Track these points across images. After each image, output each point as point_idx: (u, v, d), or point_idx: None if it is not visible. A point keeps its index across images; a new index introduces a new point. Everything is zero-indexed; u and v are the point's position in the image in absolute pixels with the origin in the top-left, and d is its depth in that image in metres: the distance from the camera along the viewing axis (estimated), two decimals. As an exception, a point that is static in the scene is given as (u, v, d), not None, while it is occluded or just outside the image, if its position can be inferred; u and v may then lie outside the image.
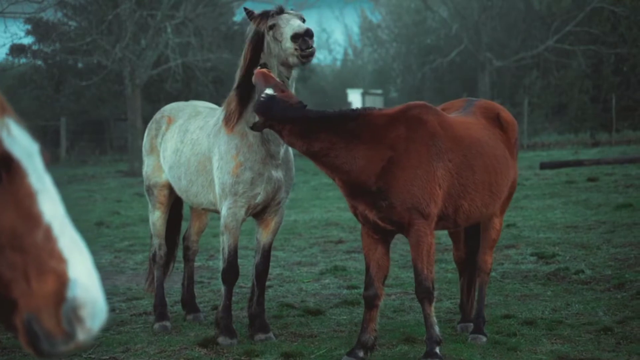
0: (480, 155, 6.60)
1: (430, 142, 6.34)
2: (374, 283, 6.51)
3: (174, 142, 7.70)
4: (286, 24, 6.72)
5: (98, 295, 2.20)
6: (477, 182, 6.55)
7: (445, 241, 12.13)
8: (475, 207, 6.60)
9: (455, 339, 7.05)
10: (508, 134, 6.99)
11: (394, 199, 6.23)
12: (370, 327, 6.54)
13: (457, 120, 6.77)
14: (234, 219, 7.08)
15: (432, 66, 46.28)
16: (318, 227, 14.19)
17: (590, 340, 6.88)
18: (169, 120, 7.93)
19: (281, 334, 7.44)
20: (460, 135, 6.55)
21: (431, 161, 6.30)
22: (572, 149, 30.42)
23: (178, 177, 7.62)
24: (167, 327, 7.75)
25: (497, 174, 6.71)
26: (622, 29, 39.67)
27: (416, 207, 6.24)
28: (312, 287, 9.48)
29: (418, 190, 6.24)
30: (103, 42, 28.81)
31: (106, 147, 38.28)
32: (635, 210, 13.89)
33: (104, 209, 18.89)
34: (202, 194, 7.40)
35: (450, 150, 6.41)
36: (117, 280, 10.29)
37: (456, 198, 6.47)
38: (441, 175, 6.33)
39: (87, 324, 2.18)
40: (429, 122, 6.43)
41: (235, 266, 7.24)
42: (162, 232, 8.14)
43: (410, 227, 6.29)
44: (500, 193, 6.78)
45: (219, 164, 7.12)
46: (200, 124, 7.57)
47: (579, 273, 9.36)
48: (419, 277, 6.38)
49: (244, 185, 6.98)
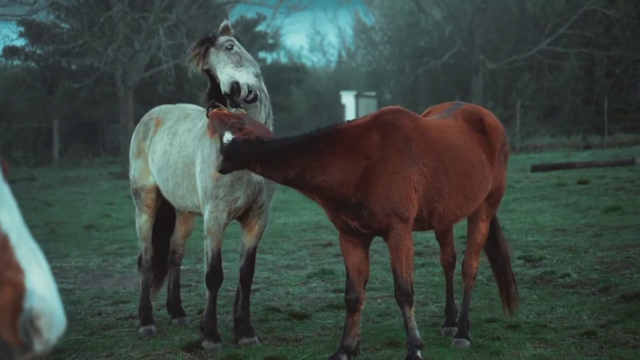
0: (454, 159, 6.61)
1: (404, 147, 6.36)
2: (355, 287, 6.53)
3: (162, 145, 7.70)
4: (221, 73, 6.70)
5: (55, 306, 2.20)
6: (451, 185, 6.57)
7: (433, 244, 12.14)
8: (449, 209, 6.63)
9: (439, 343, 7.06)
10: (490, 139, 6.97)
11: (373, 207, 6.25)
12: (353, 331, 6.55)
13: (431, 124, 6.79)
14: (216, 223, 7.09)
15: (426, 68, 46.32)
16: (307, 230, 14.20)
17: (573, 344, 6.89)
18: (157, 123, 7.92)
19: (266, 337, 7.44)
20: (434, 139, 6.57)
21: (406, 166, 6.33)
22: (564, 152, 30.46)
23: (166, 180, 7.63)
24: (152, 331, 7.76)
25: (471, 178, 6.71)
26: (615, 32, 39.76)
27: (395, 212, 6.26)
28: (299, 291, 9.48)
29: (396, 195, 6.26)
30: (95, 44, 28.78)
31: (99, 149, 38.24)
32: (624, 213, 13.92)
33: (95, 211, 18.86)
34: (188, 197, 7.42)
35: (424, 154, 6.43)
36: (104, 284, 10.28)
37: (431, 201, 6.50)
38: (417, 179, 6.36)
39: (45, 334, 2.17)
40: (402, 127, 6.44)
41: (219, 270, 7.23)
42: (149, 235, 8.12)
43: (389, 232, 6.32)
44: (474, 197, 6.78)
45: (201, 168, 7.15)
46: (189, 127, 7.58)
47: (565, 276, 9.37)
48: (398, 281, 6.40)
49: (224, 188, 6.99)
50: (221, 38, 6.90)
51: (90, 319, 8.37)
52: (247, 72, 6.76)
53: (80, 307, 8.89)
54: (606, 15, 39.75)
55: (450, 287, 7.58)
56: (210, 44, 6.86)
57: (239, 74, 6.69)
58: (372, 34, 55.68)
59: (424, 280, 9.69)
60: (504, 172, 7.24)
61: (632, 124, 37.02)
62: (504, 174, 7.21)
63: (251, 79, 6.75)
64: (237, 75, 6.66)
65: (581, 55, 40.98)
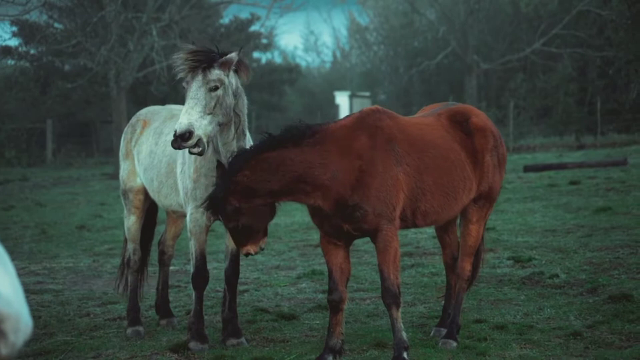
0: (433, 157, 6.64)
1: (389, 147, 6.42)
2: (338, 287, 6.55)
3: (148, 145, 7.75)
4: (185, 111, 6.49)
5: (21, 309, 2.20)
6: (432, 183, 6.60)
7: (424, 245, 12.17)
8: (431, 208, 6.65)
9: (426, 344, 7.06)
10: (475, 139, 6.93)
11: (367, 208, 6.29)
12: (337, 330, 6.57)
13: (410, 122, 6.82)
14: (197, 225, 7.12)
15: (420, 69, 46.36)
16: (299, 231, 14.20)
17: (559, 345, 6.92)
18: (144, 124, 7.96)
19: (253, 338, 7.45)
20: (415, 138, 6.61)
21: (393, 166, 6.39)
22: (557, 152, 30.48)
23: (151, 179, 7.66)
24: (139, 332, 7.77)
25: (451, 176, 6.72)
26: (609, 32, 39.82)
27: (384, 213, 6.32)
28: (288, 291, 9.49)
29: (387, 196, 6.33)
30: (88, 44, 28.75)
31: (92, 149, 38.20)
32: (614, 214, 13.94)
33: (87, 212, 18.84)
34: (172, 196, 7.46)
35: (407, 154, 6.48)
36: (93, 285, 10.28)
37: (415, 201, 6.54)
38: (402, 179, 6.40)
39: (10, 338, 2.17)
40: (385, 127, 6.49)
41: (204, 271, 7.25)
42: (137, 237, 8.14)
43: (378, 233, 6.36)
44: (455, 195, 6.77)
45: (182, 169, 7.20)
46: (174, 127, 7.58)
47: (554, 277, 9.39)
48: (385, 282, 6.42)
49: (201, 191, 7.03)
50: (214, 72, 6.60)
51: (79, 320, 8.37)
52: (210, 123, 6.47)
53: (69, 308, 8.89)
54: (600, 16, 39.81)
55: (449, 288, 7.53)
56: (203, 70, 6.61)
57: (199, 123, 6.40)
58: (367, 34, 55.70)
59: (413, 281, 9.71)
60: (497, 175, 7.13)
61: (625, 124, 37.06)
62: (496, 177, 7.11)
63: (209, 131, 6.45)
64: (197, 124, 6.38)
65: (574, 55, 41.05)
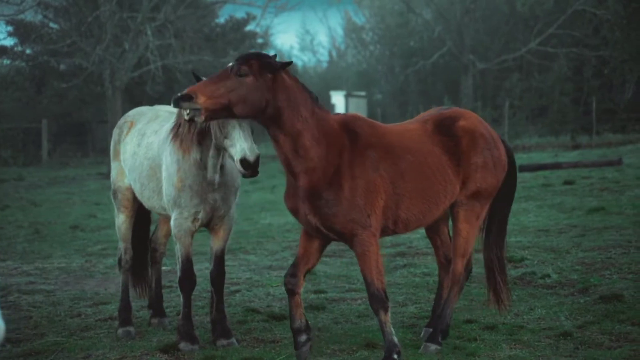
0: (410, 163, 6.64)
1: (366, 153, 6.46)
2: (298, 273, 6.60)
3: (132, 146, 7.79)
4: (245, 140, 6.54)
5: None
6: (410, 189, 6.61)
7: (416, 245, 12.18)
8: (412, 215, 6.67)
9: (416, 345, 7.06)
10: (460, 141, 6.88)
11: (337, 208, 6.32)
12: (299, 312, 6.64)
13: (390, 130, 6.83)
14: (181, 229, 7.15)
15: (415, 68, 46.42)
16: (292, 231, 14.19)
17: (549, 345, 6.93)
18: (130, 125, 7.99)
19: (244, 339, 7.45)
20: (392, 145, 6.63)
21: (370, 172, 6.42)
22: (553, 152, 30.49)
23: (134, 180, 7.71)
24: (130, 333, 7.76)
25: (430, 181, 6.71)
26: (604, 32, 39.88)
27: (358, 218, 6.35)
28: (279, 292, 9.48)
29: (360, 201, 6.35)
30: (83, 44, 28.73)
31: (88, 149, 38.17)
32: (607, 213, 13.96)
33: (81, 211, 18.84)
34: (154, 199, 7.48)
35: (382, 160, 6.51)
36: (85, 285, 10.27)
37: (394, 209, 6.55)
38: (380, 185, 6.43)
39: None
40: (362, 134, 6.53)
41: (191, 274, 7.28)
42: (128, 235, 8.13)
43: (353, 238, 6.40)
44: (436, 200, 6.76)
45: (166, 174, 7.21)
46: (156, 128, 7.64)
47: (545, 277, 9.41)
48: (370, 289, 6.45)
49: (185, 199, 7.08)
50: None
51: (70, 321, 8.36)
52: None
53: (60, 309, 8.88)
54: (595, 16, 39.88)
55: (441, 288, 7.44)
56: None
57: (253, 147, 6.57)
58: (362, 34, 55.73)
59: (404, 282, 9.71)
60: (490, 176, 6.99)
61: (621, 124, 37.12)
62: (488, 178, 6.98)
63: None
64: (255, 148, 6.55)
65: (570, 55, 41.10)
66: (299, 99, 6.35)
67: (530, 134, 38.43)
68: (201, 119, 6.10)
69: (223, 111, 6.13)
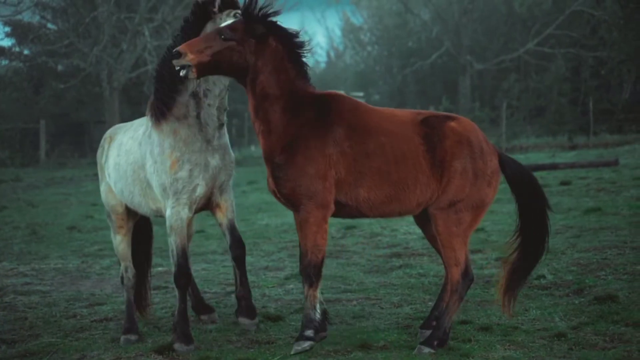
0: (380, 144, 6.71)
1: (332, 128, 6.66)
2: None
3: (113, 158, 7.90)
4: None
5: None
6: (375, 169, 6.69)
7: (413, 246, 12.18)
8: (376, 196, 6.72)
9: (411, 345, 7.06)
10: (444, 141, 6.76)
11: (288, 174, 6.59)
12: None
13: (374, 111, 6.95)
14: (178, 218, 7.18)
15: (413, 69, 46.45)
16: (288, 231, 14.19)
17: (543, 346, 6.93)
18: (109, 141, 8.11)
19: (239, 340, 7.45)
20: (367, 125, 6.76)
21: (329, 146, 6.62)
22: (550, 152, 30.49)
23: (122, 190, 7.77)
24: (131, 340, 7.61)
25: (398, 164, 6.70)
26: (602, 32, 39.91)
27: (306, 186, 6.55)
28: (275, 293, 9.49)
29: (310, 170, 6.56)
30: (81, 44, 28.73)
31: (85, 150, 38.13)
32: (604, 214, 13.96)
33: (79, 212, 18.83)
34: (143, 203, 7.56)
35: (350, 137, 6.67)
36: (81, 286, 10.28)
37: (353, 185, 6.67)
38: (338, 160, 6.62)
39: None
40: (334, 111, 6.74)
41: (186, 268, 7.30)
42: (127, 254, 8.11)
43: (298, 207, 6.63)
44: (404, 186, 6.71)
45: (154, 168, 7.24)
46: (132, 134, 7.80)
47: (540, 278, 9.41)
48: (303, 259, 6.69)
49: (182, 181, 7.15)
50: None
51: (65, 321, 8.37)
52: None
53: (56, 309, 8.88)
54: (593, 16, 39.92)
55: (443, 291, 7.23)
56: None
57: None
58: (360, 35, 55.75)
59: (400, 282, 9.71)
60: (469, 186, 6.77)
61: (618, 124, 37.13)
62: (467, 187, 6.77)
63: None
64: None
65: (568, 55, 41.14)
66: (279, 67, 6.69)
67: (528, 134, 38.44)
68: (194, 75, 6.59)
69: (211, 69, 6.63)
